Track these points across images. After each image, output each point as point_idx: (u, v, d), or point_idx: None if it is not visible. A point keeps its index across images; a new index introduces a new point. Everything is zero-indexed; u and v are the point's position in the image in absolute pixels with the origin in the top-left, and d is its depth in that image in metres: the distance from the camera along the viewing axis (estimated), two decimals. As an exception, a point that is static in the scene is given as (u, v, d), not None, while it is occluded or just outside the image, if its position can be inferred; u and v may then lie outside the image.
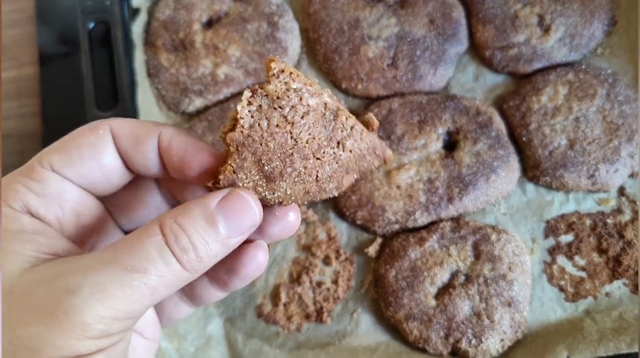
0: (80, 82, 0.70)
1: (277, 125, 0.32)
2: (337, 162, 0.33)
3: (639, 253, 0.65)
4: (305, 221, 0.68)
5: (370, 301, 0.66)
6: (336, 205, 0.68)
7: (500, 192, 0.68)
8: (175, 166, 0.35)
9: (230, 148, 0.32)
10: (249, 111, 0.32)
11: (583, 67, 0.72)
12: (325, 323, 0.65)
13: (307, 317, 0.65)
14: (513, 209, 0.69)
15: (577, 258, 0.67)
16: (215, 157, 0.34)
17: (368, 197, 0.66)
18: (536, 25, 0.73)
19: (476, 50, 0.75)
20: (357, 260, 0.67)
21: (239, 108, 0.32)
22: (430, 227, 0.66)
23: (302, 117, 0.32)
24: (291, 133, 0.32)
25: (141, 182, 0.39)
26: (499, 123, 0.70)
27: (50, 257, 0.32)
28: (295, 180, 0.33)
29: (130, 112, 0.69)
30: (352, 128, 0.34)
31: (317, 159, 0.33)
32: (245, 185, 0.33)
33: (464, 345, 0.61)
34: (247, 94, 0.32)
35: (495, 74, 0.74)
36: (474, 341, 0.61)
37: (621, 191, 0.69)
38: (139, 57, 0.72)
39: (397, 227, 0.66)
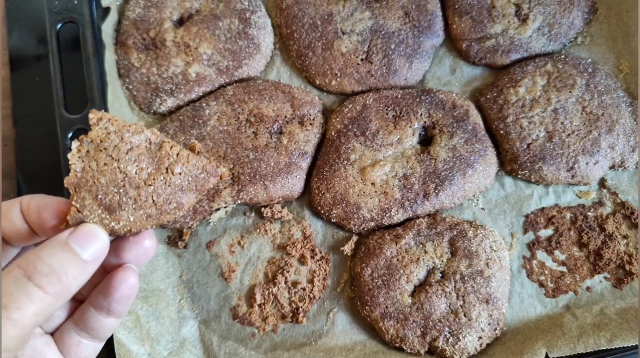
0: (49, 83, 0.69)
1: (104, 164, 0.38)
2: (169, 186, 0.40)
3: None
4: (280, 220, 0.67)
5: (347, 300, 0.65)
6: (311, 204, 0.67)
7: (477, 187, 0.66)
8: (35, 223, 0.39)
9: (70, 191, 0.38)
10: (79, 157, 0.38)
11: (562, 56, 0.71)
12: (301, 324, 0.64)
13: (283, 317, 0.64)
14: (491, 204, 0.68)
15: (557, 252, 0.66)
16: (64, 206, 0.39)
17: (342, 194, 0.65)
18: (513, 15, 0.72)
19: (452, 42, 0.73)
20: (333, 259, 0.66)
21: (69, 156, 0.38)
22: (406, 223, 0.65)
23: (126, 153, 0.38)
24: (119, 168, 0.38)
25: None
26: (475, 116, 0.69)
27: None
28: (134, 207, 0.39)
29: (101, 113, 0.67)
30: (177, 154, 0.40)
31: (149, 185, 0.39)
32: (92, 221, 0.38)
33: (441, 343, 0.60)
34: (75, 143, 0.38)
35: (472, 66, 0.73)
36: (451, 339, 0.60)
37: (602, 183, 0.68)
38: (110, 57, 0.71)
39: (372, 224, 0.65)
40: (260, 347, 0.63)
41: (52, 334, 0.44)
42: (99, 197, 0.38)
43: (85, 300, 0.43)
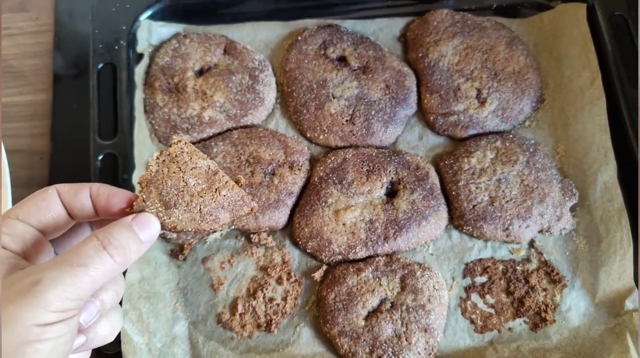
0: (87, 112, 0.82)
1: (173, 172, 0.50)
2: (214, 202, 0.51)
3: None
4: (265, 246, 0.81)
5: (312, 318, 0.78)
6: (291, 235, 0.81)
7: (429, 236, 0.81)
8: (102, 206, 0.50)
9: (142, 185, 0.49)
10: (156, 162, 0.49)
11: (510, 136, 0.86)
12: (273, 333, 0.77)
13: (258, 326, 0.78)
14: (439, 251, 0.82)
15: (488, 296, 0.80)
16: (129, 196, 0.50)
17: (318, 230, 0.79)
18: (474, 98, 0.87)
19: (423, 114, 0.89)
20: (305, 283, 0.80)
21: (149, 160, 0.49)
22: (367, 260, 0.79)
23: (191, 169, 0.50)
24: (183, 178, 0.50)
25: (79, 227, 0.54)
26: (434, 178, 0.83)
27: (18, 270, 0.47)
28: (185, 209, 0.50)
29: (128, 142, 0.81)
30: (226, 182, 0.51)
31: (200, 196, 0.50)
32: (150, 211, 0.50)
33: (384, 360, 0.74)
34: (156, 153, 0.50)
35: (437, 135, 0.88)
36: (393, 358, 0.74)
37: (531, 244, 0.83)
38: (139, 95, 0.85)
39: (340, 257, 0.79)
40: (237, 348, 0.76)
41: None
42: (162, 193, 0.49)
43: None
